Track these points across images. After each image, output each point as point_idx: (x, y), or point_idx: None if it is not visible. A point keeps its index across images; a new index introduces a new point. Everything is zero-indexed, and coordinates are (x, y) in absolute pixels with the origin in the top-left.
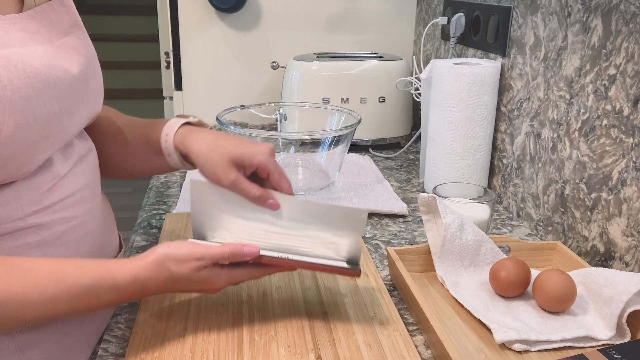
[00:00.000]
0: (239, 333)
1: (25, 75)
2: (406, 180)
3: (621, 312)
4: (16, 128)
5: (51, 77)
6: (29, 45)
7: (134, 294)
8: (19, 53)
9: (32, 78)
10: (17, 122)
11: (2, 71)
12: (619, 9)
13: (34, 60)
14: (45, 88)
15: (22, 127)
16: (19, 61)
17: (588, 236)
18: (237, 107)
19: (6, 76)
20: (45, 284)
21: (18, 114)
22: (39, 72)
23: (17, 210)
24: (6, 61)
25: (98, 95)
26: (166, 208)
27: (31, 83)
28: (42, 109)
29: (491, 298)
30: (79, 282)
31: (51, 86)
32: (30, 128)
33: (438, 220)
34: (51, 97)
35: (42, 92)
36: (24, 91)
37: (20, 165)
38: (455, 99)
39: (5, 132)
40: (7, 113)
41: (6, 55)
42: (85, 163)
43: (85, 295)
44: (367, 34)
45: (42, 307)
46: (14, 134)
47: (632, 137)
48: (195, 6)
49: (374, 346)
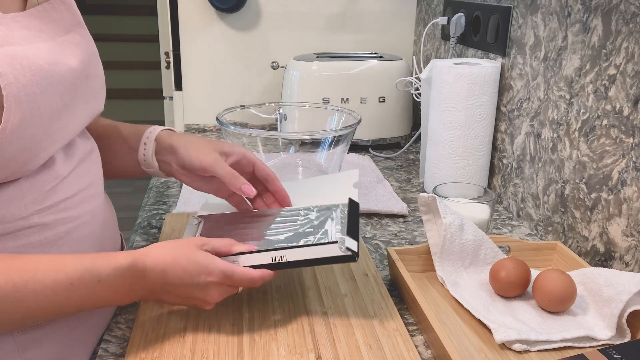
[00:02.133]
0: (239, 333)
1: (30, 73)
2: (406, 180)
3: (621, 312)
4: (21, 125)
5: (55, 74)
6: (33, 43)
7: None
8: (24, 51)
9: (36, 75)
10: (22, 119)
11: (7, 69)
12: (619, 9)
13: (38, 58)
14: (49, 85)
15: (27, 124)
16: (24, 59)
17: (588, 236)
18: (237, 107)
19: (12, 74)
20: (45, 272)
21: (23, 111)
22: (44, 70)
23: (20, 209)
24: (11, 58)
25: (100, 93)
26: (166, 208)
27: (36, 80)
28: (46, 106)
29: (491, 298)
30: (78, 265)
31: (55, 83)
32: (34, 125)
33: (438, 220)
34: (55, 94)
35: (46, 89)
36: (29, 89)
37: (24, 163)
38: (455, 99)
39: (11, 128)
40: (13, 110)
41: (11, 52)
42: (87, 162)
43: (86, 278)
44: (367, 34)
45: (43, 296)
46: (19, 130)
47: (632, 137)
48: (195, 6)
49: (374, 346)
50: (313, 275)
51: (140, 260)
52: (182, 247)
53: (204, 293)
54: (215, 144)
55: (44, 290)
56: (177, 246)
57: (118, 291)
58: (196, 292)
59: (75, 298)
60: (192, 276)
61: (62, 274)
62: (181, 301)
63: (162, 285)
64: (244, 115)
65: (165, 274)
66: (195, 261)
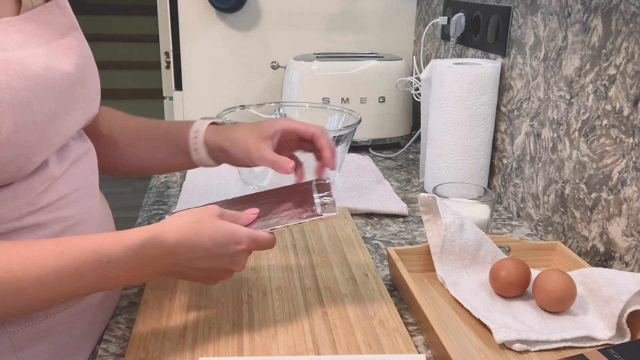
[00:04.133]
0: (239, 333)
1: (24, 79)
2: (406, 180)
3: (621, 312)
4: (15, 131)
5: (49, 79)
6: (27, 47)
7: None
8: (18, 56)
9: (30, 81)
10: (16, 125)
11: (1, 75)
12: (619, 9)
13: (32, 63)
14: (43, 91)
15: (21, 130)
16: (18, 64)
17: (588, 236)
18: (237, 107)
19: (5, 80)
20: (46, 257)
21: (17, 117)
22: (38, 75)
23: (14, 210)
24: (5, 64)
25: (94, 96)
26: (166, 208)
27: (30, 86)
28: (40, 112)
29: (491, 298)
30: (83, 247)
31: (49, 88)
32: (29, 130)
33: (438, 220)
34: (49, 99)
35: (40, 95)
36: (23, 94)
37: (19, 168)
38: (455, 99)
39: (5, 134)
40: (7, 116)
41: (5, 58)
42: (82, 163)
43: (93, 260)
44: (367, 34)
45: (46, 282)
46: (13, 136)
47: (632, 137)
48: (195, 6)
49: (374, 346)
50: (313, 275)
51: (158, 236)
52: (202, 218)
53: (231, 262)
54: (259, 130)
55: (47, 276)
56: (196, 218)
57: (130, 271)
58: (223, 262)
59: (83, 282)
60: (220, 246)
61: (67, 259)
62: (202, 274)
63: (186, 259)
64: (244, 115)
65: (190, 248)
66: (222, 231)
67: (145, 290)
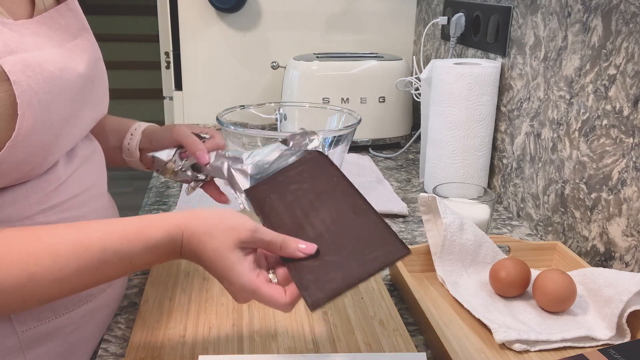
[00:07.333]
0: (239, 333)
1: (42, 79)
2: (406, 180)
3: (621, 312)
4: (33, 131)
5: (65, 80)
6: (43, 49)
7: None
8: (36, 57)
9: (48, 82)
10: (34, 126)
11: (21, 76)
12: (619, 9)
13: (49, 64)
14: (60, 91)
15: (39, 130)
16: (36, 65)
17: (588, 236)
18: (237, 107)
19: (25, 81)
20: (66, 258)
21: (36, 118)
22: (55, 76)
23: (25, 209)
24: (24, 65)
25: (104, 97)
26: (166, 208)
27: (48, 87)
28: (56, 112)
29: (491, 298)
30: (104, 248)
31: (65, 89)
32: (45, 131)
33: (438, 220)
34: (65, 100)
35: (57, 95)
36: (41, 96)
37: (33, 167)
38: (455, 99)
39: (23, 135)
40: (26, 117)
41: (24, 59)
42: (90, 163)
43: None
44: (367, 34)
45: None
46: (30, 137)
47: (632, 137)
48: (195, 6)
49: (374, 346)
50: None
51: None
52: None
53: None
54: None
55: (67, 277)
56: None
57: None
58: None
59: (103, 278)
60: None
61: (87, 260)
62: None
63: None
64: (244, 115)
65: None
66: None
67: (145, 290)
